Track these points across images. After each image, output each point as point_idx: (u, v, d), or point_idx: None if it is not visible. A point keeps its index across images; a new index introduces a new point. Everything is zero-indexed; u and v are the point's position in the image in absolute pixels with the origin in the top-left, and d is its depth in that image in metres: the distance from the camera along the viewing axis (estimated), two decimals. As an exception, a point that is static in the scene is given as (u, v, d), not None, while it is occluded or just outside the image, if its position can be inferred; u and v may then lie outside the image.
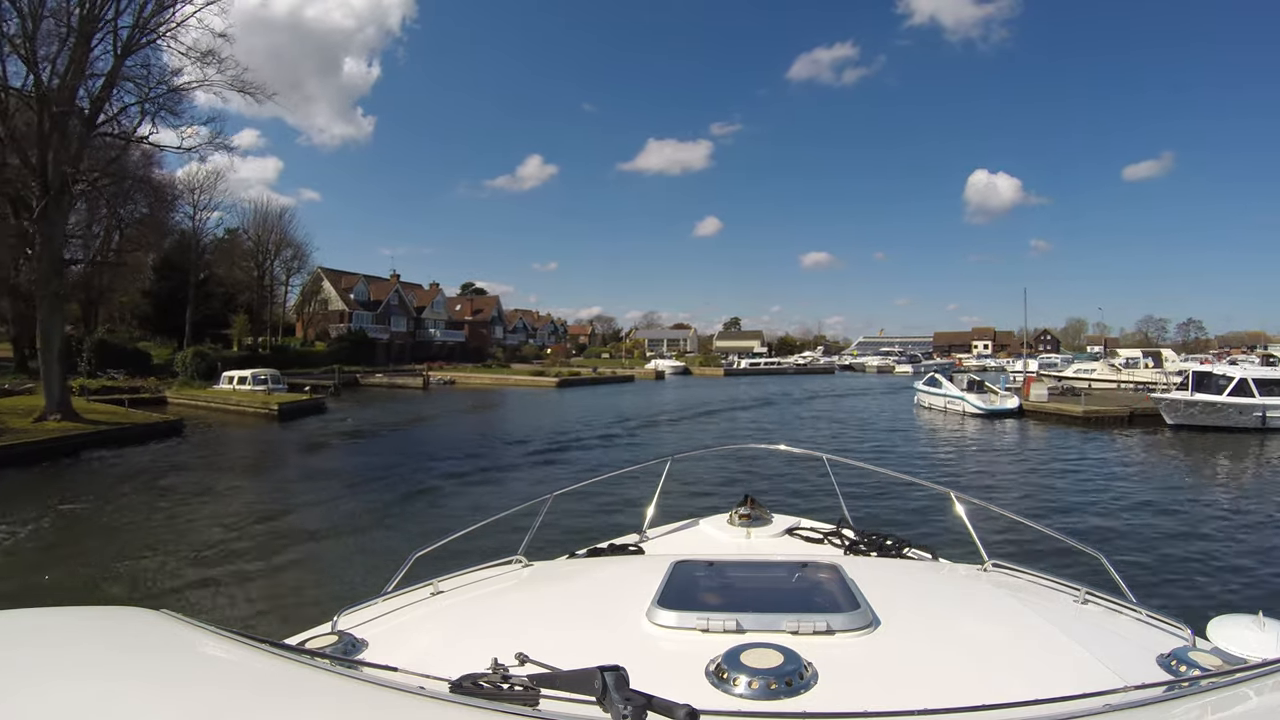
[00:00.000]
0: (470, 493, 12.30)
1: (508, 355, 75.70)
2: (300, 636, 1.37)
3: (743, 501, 2.55)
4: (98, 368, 39.30)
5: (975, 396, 23.71)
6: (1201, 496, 11.84)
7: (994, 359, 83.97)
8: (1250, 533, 9.40)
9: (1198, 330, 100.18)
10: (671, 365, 69.65)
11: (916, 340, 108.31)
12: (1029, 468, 14.99)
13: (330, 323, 64.05)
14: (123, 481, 13.30)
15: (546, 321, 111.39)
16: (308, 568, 8.20)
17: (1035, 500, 11.67)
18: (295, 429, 22.72)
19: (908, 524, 8.58)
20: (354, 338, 60.95)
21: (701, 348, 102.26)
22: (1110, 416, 21.46)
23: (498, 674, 0.92)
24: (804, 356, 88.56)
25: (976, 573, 1.90)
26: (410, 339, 70.07)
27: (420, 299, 73.57)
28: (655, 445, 18.76)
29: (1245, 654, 1.23)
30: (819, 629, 1.21)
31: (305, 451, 18.04)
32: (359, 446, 18.72)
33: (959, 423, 22.83)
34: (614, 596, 1.61)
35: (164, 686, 0.87)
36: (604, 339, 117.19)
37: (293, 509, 10.92)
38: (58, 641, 0.98)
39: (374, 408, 31.01)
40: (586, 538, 2.75)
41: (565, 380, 45.45)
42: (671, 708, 0.77)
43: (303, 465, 15.88)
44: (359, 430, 22.20)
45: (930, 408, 26.40)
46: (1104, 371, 33.59)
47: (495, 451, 17.36)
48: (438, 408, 31.04)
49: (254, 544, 8.94)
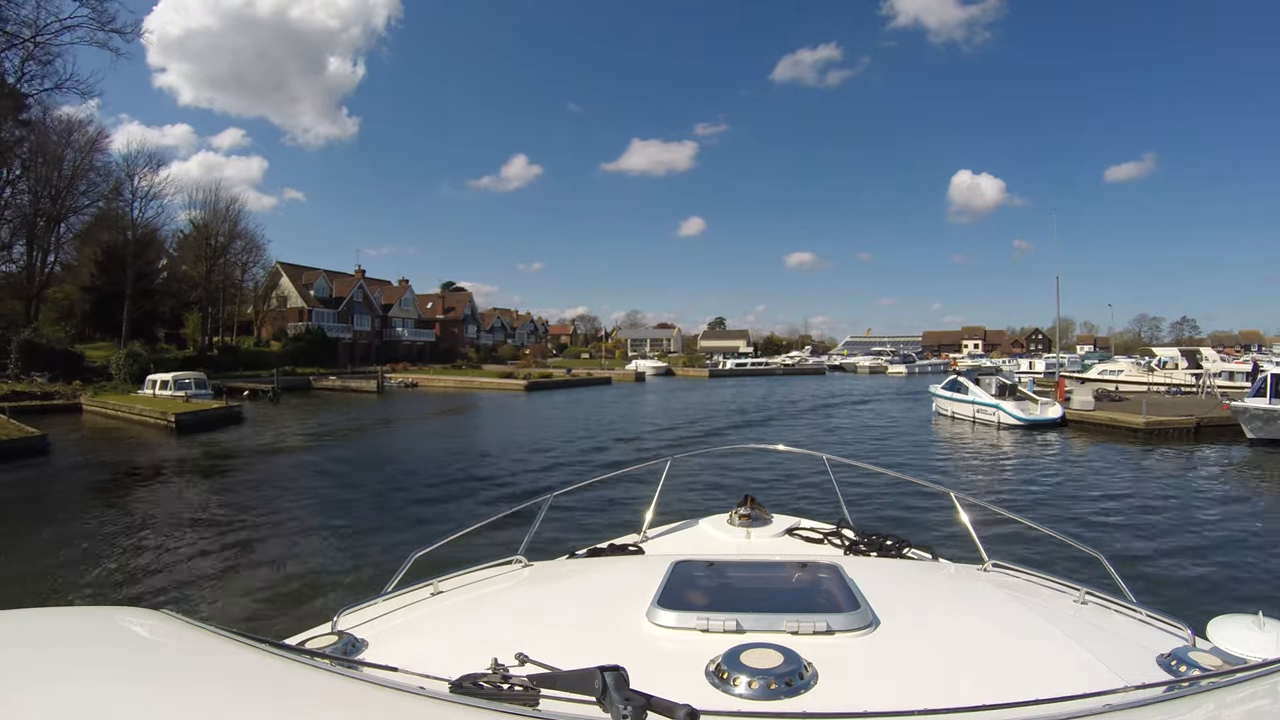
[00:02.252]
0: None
1: (482, 355, 71.67)
2: (300, 636, 1.37)
3: (743, 501, 2.54)
4: (24, 370, 35.88)
5: (1012, 405, 19.86)
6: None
7: (989, 359, 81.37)
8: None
9: (1192, 329, 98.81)
10: (653, 366, 65.54)
11: (905, 340, 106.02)
12: (1138, 506, 10.96)
13: (289, 321, 59.62)
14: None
15: (526, 321, 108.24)
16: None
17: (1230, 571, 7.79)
18: (192, 445, 18.58)
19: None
20: (312, 337, 56.54)
21: (685, 347, 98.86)
22: (1175, 429, 18.01)
23: (498, 674, 0.91)
24: (791, 356, 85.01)
25: (976, 573, 1.88)
26: (376, 338, 65.72)
27: (388, 296, 69.18)
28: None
29: (1245, 654, 1.22)
30: (819, 629, 1.21)
31: (162, 483, 13.68)
32: (234, 478, 14.37)
33: (993, 437, 18.99)
34: (614, 596, 1.59)
35: (164, 686, 0.87)
36: (586, 339, 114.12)
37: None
38: (58, 641, 0.96)
39: (310, 416, 26.87)
40: (586, 538, 2.79)
41: (535, 383, 41.32)
42: (671, 708, 0.78)
43: (120, 514, 10.92)
44: (266, 449, 18.06)
45: (954, 417, 22.40)
46: (1132, 372, 30.22)
47: (385, 499, 12.76)
48: (382, 417, 26.91)
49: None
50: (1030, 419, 19.41)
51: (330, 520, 10.17)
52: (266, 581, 7.48)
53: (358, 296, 63.94)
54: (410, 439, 21.07)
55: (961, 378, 22.48)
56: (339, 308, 61.61)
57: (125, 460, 16.65)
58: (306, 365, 51.23)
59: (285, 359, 52.88)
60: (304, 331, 57.20)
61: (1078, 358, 52.15)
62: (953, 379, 23.26)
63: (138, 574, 7.85)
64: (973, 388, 21.31)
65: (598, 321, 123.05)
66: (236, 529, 9.70)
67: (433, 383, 45.19)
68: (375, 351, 63.27)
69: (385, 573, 1.83)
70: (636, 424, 24.72)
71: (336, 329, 60.33)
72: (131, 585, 7.45)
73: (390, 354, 63.67)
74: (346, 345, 60.49)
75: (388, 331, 67.38)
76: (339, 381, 42.84)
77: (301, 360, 52.82)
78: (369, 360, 59.95)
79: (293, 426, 23.05)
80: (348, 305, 62.48)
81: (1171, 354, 31.18)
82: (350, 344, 61.28)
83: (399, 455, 17.55)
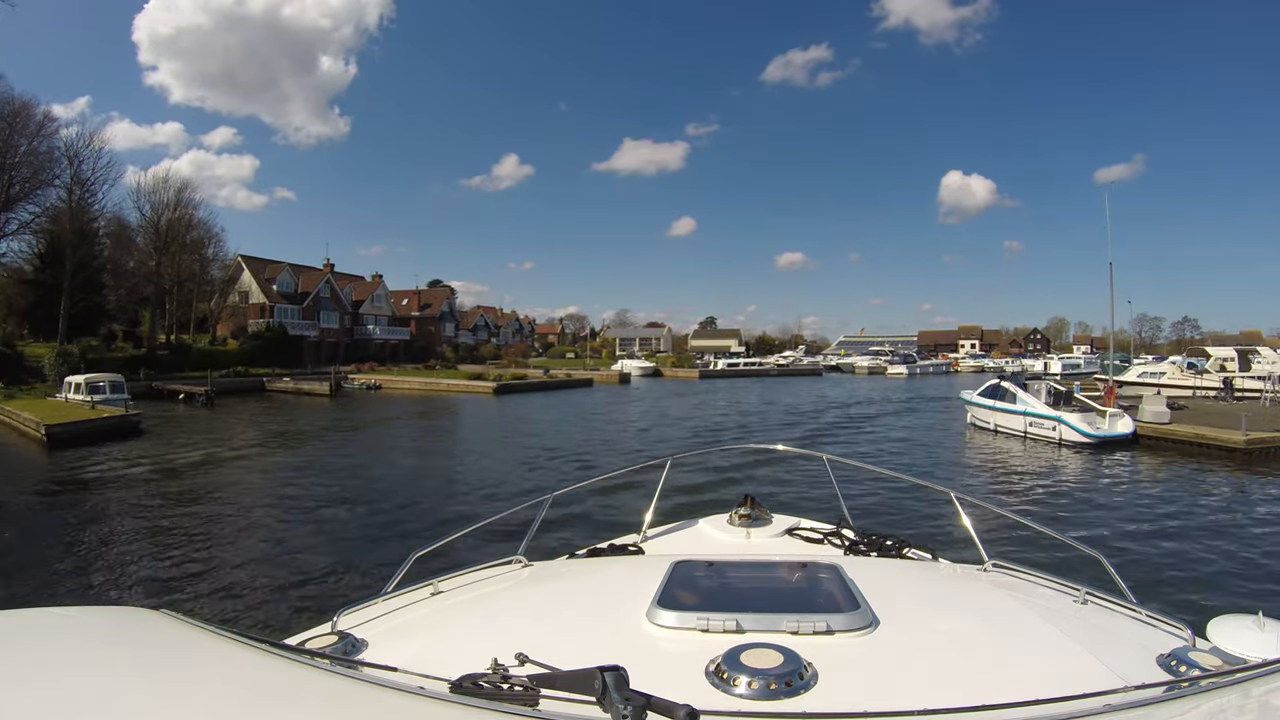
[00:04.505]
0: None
1: (462, 355, 67.55)
2: (300, 636, 1.36)
3: (743, 502, 2.50)
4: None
5: (1077, 417, 15.87)
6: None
7: (990, 358, 78.35)
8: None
9: (1194, 329, 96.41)
10: (639, 366, 61.42)
11: (900, 339, 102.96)
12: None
13: (249, 317, 55.38)
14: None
15: (511, 319, 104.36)
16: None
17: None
18: (60, 465, 14.73)
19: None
20: (272, 335, 52.31)
21: (676, 347, 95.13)
22: (1276, 447, 14.53)
23: (498, 674, 0.91)
24: (785, 356, 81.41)
25: (976, 573, 1.86)
26: (346, 336, 61.52)
27: (360, 292, 64.95)
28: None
29: (1245, 654, 1.21)
30: (819, 629, 1.20)
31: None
32: (54, 525, 10.72)
33: (1052, 456, 15.28)
34: (614, 596, 1.58)
35: (164, 686, 0.86)
36: (574, 338, 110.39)
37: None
38: (58, 641, 0.96)
39: (235, 425, 22.93)
40: (586, 538, 2.89)
41: (506, 385, 37.29)
42: (671, 708, 0.77)
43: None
44: (152, 476, 14.12)
45: (997, 430, 18.32)
46: (1175, 375, 26.90)
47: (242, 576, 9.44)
48: (324, 425, 22.97)
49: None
50: (1101, 435, 15.68)
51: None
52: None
53: (325, 292, 59.70)
54: (316, 465, 17.19)
55: (1006, 383, 18.46)
56: (304, 303, 57.37)
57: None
58: (266, 365, 47.18)
59: (242, 358, 48.78)
60: (264, 329, 52.97)
61: (1094, 358, 48.83)
62: (994, 384, 19.17)
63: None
64: (1022, 395, 17.38)
65: (587, 320, 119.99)
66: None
67: (397, 384, 41.15)
68: (344, 350, 59.10)
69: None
70: (600, 451, 20.96)
71: (301, 326, 56.09)
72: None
73: (361, 353, 59.58)
74: (312, 344, 56.29)
75: (359, 329, 63.18)
76: (291, 383, 38.79)
77: (261, 360, 48.71)
78: (337, 360, 55.76)
79: (199, 440, 19.11)
80: (313, 301, 58.23)
81: (1227, 353, 27.74)
82: (317, 342, 57.09)
83: (263, 497, 13.71)
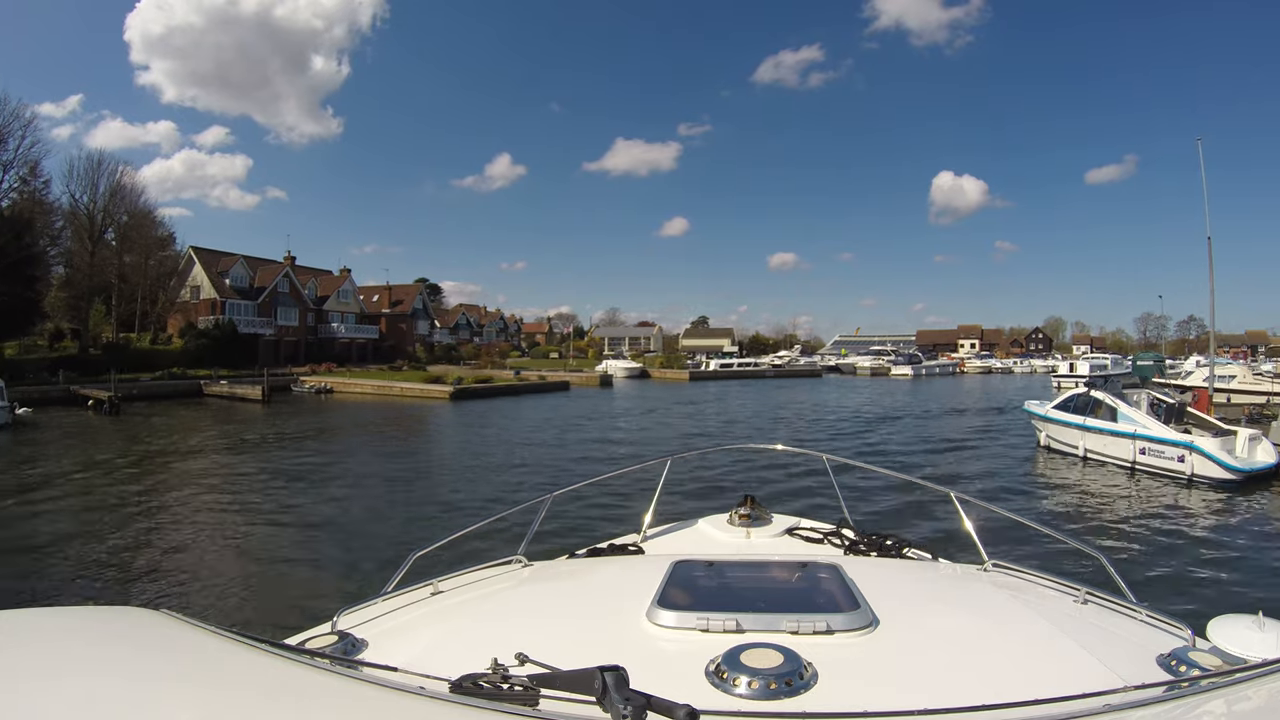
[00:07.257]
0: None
1: (437, 355, 62.87)
2: (300, 636, 1.35)
3: (742, 501, 2.49)
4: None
5: (1214, 443, 11.36)
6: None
7: (997, 359, 74.55)
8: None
9: (1199, 329, 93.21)
10: (624, 367, 57.00)
11: (898, 338, 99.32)
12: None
13: (200, 314, 50.59)
14: None
15: (495, 318, 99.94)
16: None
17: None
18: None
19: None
20: (219, 333, 47.52)
21: (667, 347, 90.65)
22: None
23: (498, 674, 0.91)
24: (781, 356, 77.14)
25: (976, 573, 1.86)
26: (309, 335, 56.75)
27: (325, 287, 60.16)
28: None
29: (1245, 654, 1.21)
30: (819, 629, 1.20)
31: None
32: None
33: (1176, 497, 10.95)
34: (614, 596, 1.58)
35: (164, 686, 0.86)
36: (562, 337, 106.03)
37: None
38: (58, 641, 0.95)
39: (116, 440, 18.37)
40: (586, 538, 2.76)
41: (466, 390, 32.82)
42: (671, 708, 0.77)
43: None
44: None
45: (1086, 458, 13.70)
46: (1247, 379, 22.98)
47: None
48: (226, 444, 18.40)
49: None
50: (1248, 468, 11.23)
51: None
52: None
53: (283, 286, 54.86)
54: (143, 510, 12.72)
55: (1100, 393, 13.54)
56: (259, 299, 52.61)
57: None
58: (214, 365, 42.47)
59: (185, 359, 43.96)
60: (211, 326, 48.21)
61: (1120, 359, 44.89)
62: (1079, 395, 14.29)
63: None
64: (1124, 409, 12.77)
65: (577, 319, 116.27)
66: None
67: (348, 387, 36.51)
68: (306, 350, 54.39)
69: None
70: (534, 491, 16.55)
71: (255, 323, 51.33)
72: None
73: (324, 353, 54.77)
74: (269, 343, 51.49)
75: (322, 327, 58.33)
76: (226, 387, 34.20)
77: (209, 360, 43.92)
78: (297, 360, 51.16)
79: (44, 466, 14.58)
80: (270, 296, 53.40)
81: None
82: (274, 341, 52.28)
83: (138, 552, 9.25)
